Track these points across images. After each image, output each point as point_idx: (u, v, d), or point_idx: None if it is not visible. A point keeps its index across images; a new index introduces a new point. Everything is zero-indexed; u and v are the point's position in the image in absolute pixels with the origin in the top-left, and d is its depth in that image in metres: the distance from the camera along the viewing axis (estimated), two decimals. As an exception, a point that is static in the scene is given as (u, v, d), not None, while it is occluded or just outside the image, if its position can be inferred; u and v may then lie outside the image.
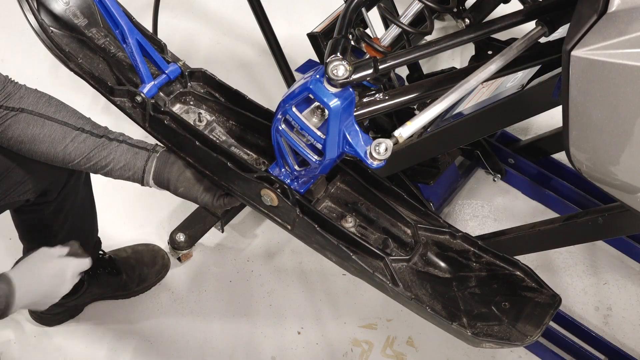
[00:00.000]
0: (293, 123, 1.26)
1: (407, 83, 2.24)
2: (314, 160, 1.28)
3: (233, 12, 2.93)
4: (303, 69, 2.33)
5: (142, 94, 1.46)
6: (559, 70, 1.15)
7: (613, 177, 1.06)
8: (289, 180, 1.37)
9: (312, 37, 1.94)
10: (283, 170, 1.37)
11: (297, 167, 1.34)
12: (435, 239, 1.37)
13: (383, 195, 1.39)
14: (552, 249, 2.12)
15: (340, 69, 1.15)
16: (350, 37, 1.24)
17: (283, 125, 1.28)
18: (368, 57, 1.24)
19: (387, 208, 1.39)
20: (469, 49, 2.17)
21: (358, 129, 1.22)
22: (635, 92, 0.92)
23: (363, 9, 1.29)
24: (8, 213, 1.79)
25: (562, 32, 1.10)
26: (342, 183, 1.44)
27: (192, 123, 1.48)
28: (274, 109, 1.31)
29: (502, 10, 1.49)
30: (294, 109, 1.25)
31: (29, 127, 1.42)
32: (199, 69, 1.54)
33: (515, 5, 1.42)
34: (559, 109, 1.03)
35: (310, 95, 1.20)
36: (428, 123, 1.19)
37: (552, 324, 1.98)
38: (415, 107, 1.88)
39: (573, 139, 1.03)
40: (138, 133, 1.54)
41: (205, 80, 1.55)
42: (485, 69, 1.13)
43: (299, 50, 2.37)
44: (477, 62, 1.39)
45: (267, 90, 2.64)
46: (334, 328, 2.08)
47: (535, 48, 1.21)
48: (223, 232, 2.19)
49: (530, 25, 1.18)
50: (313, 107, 1.24)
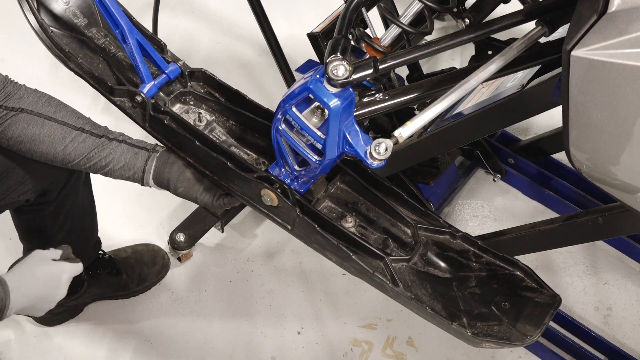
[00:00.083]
0: (293, 123, 1.26)
1: (407, 83, 2.24)
2: (314, 160, 1.28)
3: (233, 12, 2.93)
4: (303, 69, 2.33)
5: (142, 94, 1.46)
6: (559, 70, 1.15)
7: (613, 177, 1.06)
8: (289, 180, 1.37)
9: (312, 37, 1.94)
10: (283, 170, 1.37)
11: (297, 167, 1.34)
12: (435, 239, 1.37)
13: (383, 195, 1.39)
14: (552, 249, 2.12)
15: (340, 69, 1.15)
16: (350, 37, 1.23)
17: (283, 125, 1.28)
18: (368, 57, 1.24)
19: (387, 208, 1.39)
20: (469, 49, 2.17)
21: (358, 129, 1.22)
22: (635, 92, 0.92)
23: (363, 9, 1.29)
24: (8, 213, 1.79)
25: (562, 32, 1.10)
26: (342, 183, 1.43)
27: (192, 123, 1.48)
28: (274, 109, 1.31)
29: (502, 10, 1.49)
30: (294, 109, 1.24)
31: (29, 127, 1.42)
32: (199, 69, 1.54)
33: (515, 5, 1.42)
34: (559, 109, 1.03)
35: (310, 95, 1.20)
36: (428, 123, 1.19)
37: (552, 324, 1.98)
38: (415, 107, 1.88)
39: (573, 139, 1.03)
40: (138, 133, 1.54)
41: (205, 80, 1.54)
42: (485, 69, 1.13)
43: (299, 50, 2.37)
44: (477, 62, 1.39)
45: (267, 90, 2.64)
46: (334, 328, 2.08)
47: (535, 48, 1.21)
48: (223, 232, 2.19)
49: (530, 25, 1.18)
50: (313, 107, 1.24)
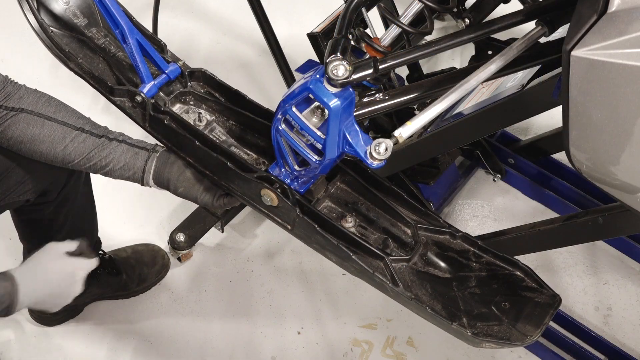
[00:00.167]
0: (293, 123, 1.26)
1: (407, 83, 2.24)
2: (314, 160, 1.28)
3: (233, 12, 2.93)
4: (303, 69, 2.33)
5: (142, 94, 1.46)
6: (559, 70, 1.15)
7: (613, 177, 1.05)
8: (289, 180, 1.37)
9: (312, 37, 1.94)
10: (283, 170, 1.37)
11: (297, 167, 1.34)
12: (435, 239, 1.37)
13: (383, 195, 1.39)
14: (552, 249, 2.12)
15: (340, 69, 1.15)
16: (350, 37, 1.23)
17: (283, 125, 1.28)
18: (368, 57, 1.24)
19: (387, 208, 1.39)
20: (469, 49, 2.17)
21: (358, 129, 1.22)
22: (635, 92, 0.92)
23: (363, 9, 1.29)
24: (8, 213, 1.79)
25: (562, 32, 1.10)
26: (342, 183, 1.43)
27: (192, 123, 1.48)
28: (274, 109, 1.31)
29: (502, 10, 1.49)
30: (294, 109, 1.24)
31: (29, 127, 1.42)
32: (199, 69, 1.54)
33: (515, 5, 1.42)
34: (559, 109, 1.03)
35: (310, 95, 1.20)
36: (428, 123, 1.19)
37: (552, 324, 1.98)
38: (415, 107, 1.88)
39: (573, 139, 1.03)
40: (138, 133, 1.54)
41: (205, 80, 1.54)
42: (485, 69, 1.13)
43: (299, 50, 2.37)
44: (477, 62, 1.39)
45: (267, 90, 2.64)
46: (334, 328, 2.08)
47: (535, 48, 1.21)
48: (223, 232, 2.19)
49: (530, 25, 1.18)
50: (313, 107, 1.24)
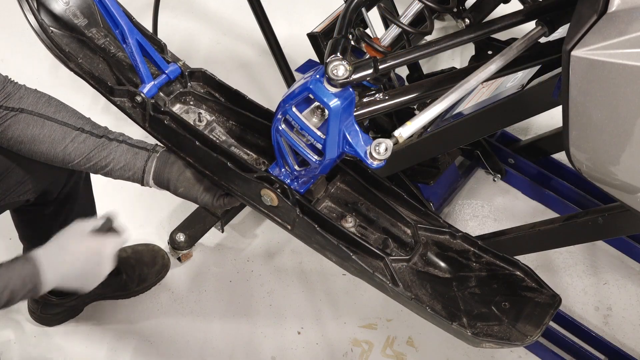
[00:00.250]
0: (293, 123, 1.26)
1: (407, 83, 2.24)
2: (314, 160, 1.28)
3: (233, 12, 2.92)
4: (303, 69, 2.33)
5: (142, 94, 1.46)
6: (559, 70, 1.15)
7: (613, 177, 1.05)
8: (289, 180, 1.37)
9: (312, 37, 1.93)
10: (283, 170, 1.37)
11: (297, 167, 1.34)
12: (435, 239, 1.37)
13: (383, 195, 1.39)
14: (552, 249, 2.12)
15: (340, 69, 1.15)
16: (350, 37, 1.23)
17: (283, 125, 1.28)
18: (368, 57, 1.24)
19: (387, 208, 1.39)
20: (469, 49, 2.17)
21: (358, 129, 1.22)
22: (635, 92, 0.92)
23: (363, 9, 1.29)
24: (8, 213, 1.79)
25: (562, 32, 1.10)
26: (342, 183, 1.43)
27: (192, 123, 1.48)
28: (274, 109, 1.31)
29: (502, 10, 1.49)
30: (294, 109, 1.24)
31: (29, 127, 1.42)
32: (199, 69, 1.54)
33: (515, 5, 1.42)
34: (559, 109, 1.03)
35: (310, 95, 1.20)
36: (428, 123, 1.19)
37: (552, 324, 1.98)
38: (415, 107, 1.88)
39: (573, 139, 1.03)
40: (138, 133, 1.54)
41: (205, 80, 1.54)
42: (485, 69, 1.13)
43: (299, 50, 2.37)
44: (477, 62, 1.39)
45: (267, 90, 2.64)
46: (334, 328, 2.08)
47: (535, 48, 1.21)
48: (223, 232, 2.19)
49: (530, 25, 1.18)
50: (313, 107, 1.24)
